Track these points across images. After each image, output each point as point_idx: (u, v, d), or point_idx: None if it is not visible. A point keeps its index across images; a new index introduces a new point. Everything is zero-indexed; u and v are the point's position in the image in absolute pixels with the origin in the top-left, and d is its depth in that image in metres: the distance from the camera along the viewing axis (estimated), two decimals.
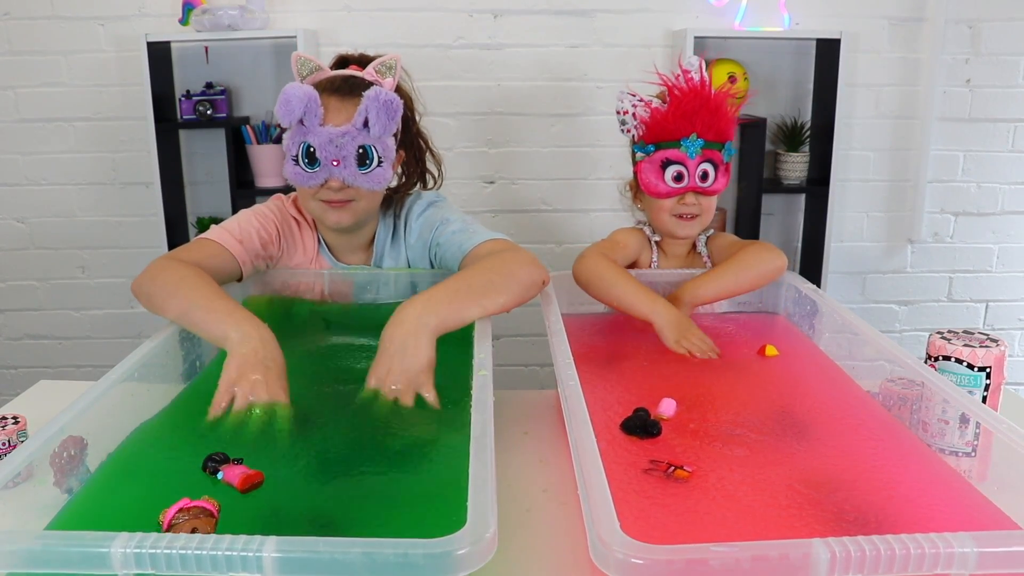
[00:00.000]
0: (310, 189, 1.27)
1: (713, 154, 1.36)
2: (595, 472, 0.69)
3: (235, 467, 0.80)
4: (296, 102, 1.20)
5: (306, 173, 1.24)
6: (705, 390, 1.07)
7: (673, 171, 1.36)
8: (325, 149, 1.22)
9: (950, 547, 0.58)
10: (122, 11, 2.47)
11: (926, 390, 0.96)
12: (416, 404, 0.98)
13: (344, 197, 1.27)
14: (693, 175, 1.36)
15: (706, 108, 1.33)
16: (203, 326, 1.05)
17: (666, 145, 1.36)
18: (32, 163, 2.60)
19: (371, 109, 1.21)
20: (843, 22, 2.52)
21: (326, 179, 1.24)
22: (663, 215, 1.42)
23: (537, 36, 2.53)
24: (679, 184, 1.36)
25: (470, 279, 1.11)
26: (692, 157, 1.35)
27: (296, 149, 1.23)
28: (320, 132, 1.21)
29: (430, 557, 0.57)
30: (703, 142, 1.34)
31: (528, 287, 1.16)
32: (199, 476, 0.81)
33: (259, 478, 0.79)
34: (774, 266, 1.35)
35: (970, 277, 2.80)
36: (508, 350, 2.74)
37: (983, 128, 2.65)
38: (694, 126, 1.33)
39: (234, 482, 0.77)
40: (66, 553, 0.58)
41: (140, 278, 1.15)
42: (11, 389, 2.73)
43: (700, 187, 1.37)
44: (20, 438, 1.04)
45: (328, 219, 1.30)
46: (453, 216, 1.35)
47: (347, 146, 1.22)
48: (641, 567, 0.57)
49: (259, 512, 0.76)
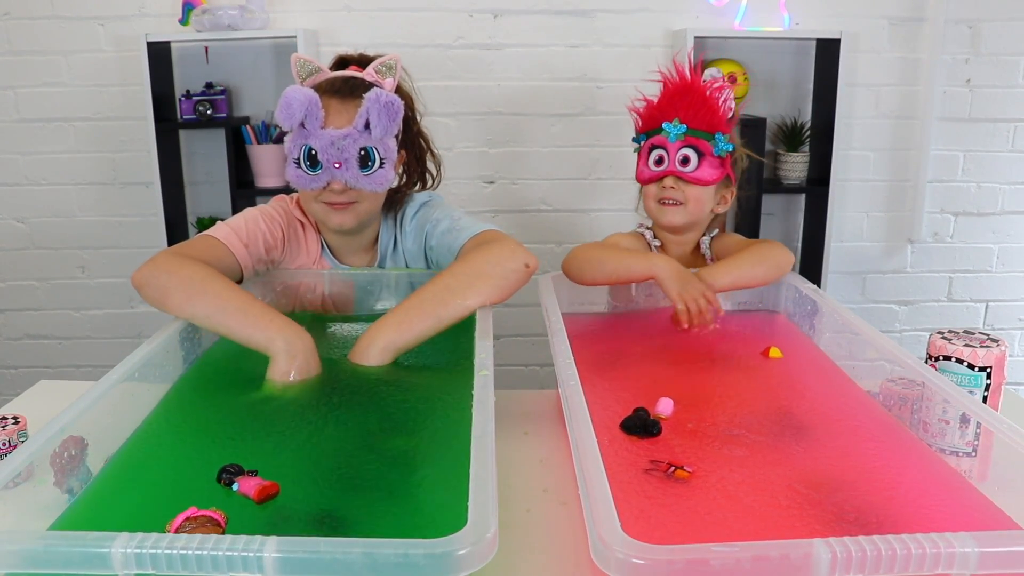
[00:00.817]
0: (312, 192, 1.27)
1: (698, 141, 1.36)
2: (596, 472, 0.69)
3: (250, 478, 0.78)
4: (297, 105, 1.20)
5: (308, 176, 1.24)
6: (705, 390, 1.07)
7: (655, 155, 1.39)
8: (327, 152, 1.22)
9: (951, 547, 0.58)
10: (122, 11, 2.47)
11: (926, 390, 0.96)
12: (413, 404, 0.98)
13: (347, 199, 1.27)
14: (673, 159, 1.37)
15: (690, 94, 1.35)
16: (239, 331, 1.06)
17: (653, 132, 1.39)
18: (32, 163, 2.60)
19: (372, 111, 1.21)
20: (843, 22, 2.52)
21: (328, 182, 1.24)
22: (649, 202, 1.44)
23: (537, 36, 2.54)
24: (660, 167, 1.38)
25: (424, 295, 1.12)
26: (672, 140, 1.36)
27: (297, 152, 1.23)
28: (321, 135, 1.21)
29: (431, 557, 0.57)
30: (685, 128, 1.36)
31: (506, 275, 1.15)
32: (204, 480, 0.80)
33: (275, 489, 0.78)
34: (785, 261, 1.36)
35: (970, 277, 2.80)
36: (508, 350, 2.74)
37: (983, 128, 2.65)
38: (677, 111, 1.36)
39: (250, 493, 0.76)
40: (67, 553, 0.58)
41: (148, 271, 1.12)
42: (11, 389, 2.73)
43: (680, 171, 1.37)
44: (20, 438, 1.04)
45: (331, 221, 1.30)
46: (442, 215, 1.35)
47: (349, 148, 1.22)
48: (642, 567, 0.57)
49: (260, 514, 0.76)
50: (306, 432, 0.93)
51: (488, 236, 1.23)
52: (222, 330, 1.08)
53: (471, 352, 0.98)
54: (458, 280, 1.13)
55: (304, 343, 1.05)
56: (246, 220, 1.29)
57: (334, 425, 0.94)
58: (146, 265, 1.13)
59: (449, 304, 1.10)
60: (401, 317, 1.10)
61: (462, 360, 1.03)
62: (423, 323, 1.09)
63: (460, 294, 1.11)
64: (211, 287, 1.10)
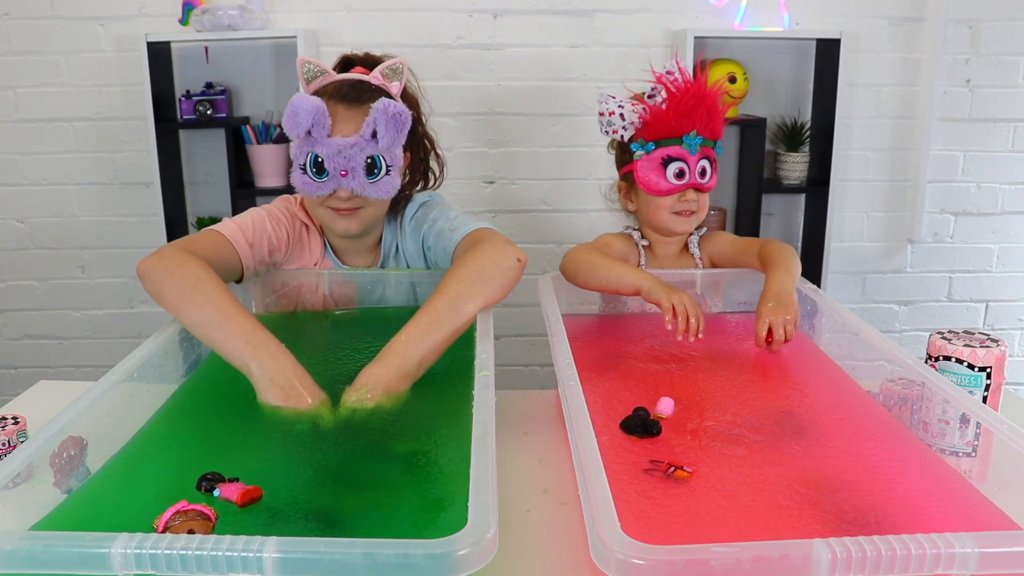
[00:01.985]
0: (318, 198, 1.27)
1: (709, 151, 1.40)
2: (596, 472, 0.69)
3: (231, 484, 0.78)
4: (303, 114, 1.19)
5: (314, 183, 1.23)
6: (705, 390, 1.07)
7: (675, 168, 1.37)
8: (333, 160, 1.21)
9: (951, 547, 0.58)
10: (122, 11, 2.46)
11: (926, 390, 0.96)
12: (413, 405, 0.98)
13: (352, 205, 1.27)
14: (694, 172, 1.38)
15: (703, 105, 1.35)
16: (220, 347, 1.03)
17: (667, 143, 1.37)
18: (32, 163, 2.60)
19: (380, 122, 1.20)
20: (843, 22, 2.52)
21: (335, 189, 1.24)
22: (662, 213, 1.42)
23: (537, 36, 2.53)
24: (681, 181, 1.38)
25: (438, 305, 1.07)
26: (693, 154, 1.37)
27: (304, 159, 1.23)
28: (328, 143, 1.21)
29: (430, 558, 0.57)
30: (702, 139, 1.37)
31: (504, 274, 1.13)
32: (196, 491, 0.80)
33: (258, 493, 0.77)
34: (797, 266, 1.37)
35: (970, 277, 2.80)
36: (508, 350, 2.74)
37: (983, 128, 2.65)
38: (694, 123, 1.36)
39: (232, 497, 0.76)
40: (66, 553, 0.58)
41: (151, 264, 1.09)
42: (11, 389, 2.73)
43: (700, 183, 1.40)
44: (20, 438, 1.04)
45: (337, 227, 1.30)
46: (438, 214, 1.35)
47: (355, 157, 1.22)
48: (642, 568, 0.57)
49: (259, 511, 0.76)
50: (306, 433, 0.93)
51: (479, 235, 1.22)
52: (206, 341, 1.06)
53: (471, 352, 0.98)
54: (464, 286, 1.10)
55: (279, 366, 0.99)
56: (253, 220, 1.29)
57: (334, 425, 0.94)
58: (151, 257, 1.11)
59: (460, 313, 1.07)
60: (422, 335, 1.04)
61: (462, 360, 1.03)
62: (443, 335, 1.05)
63: (468, 300, 1.08)
64: (202, 293, 1.06)
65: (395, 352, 1.02)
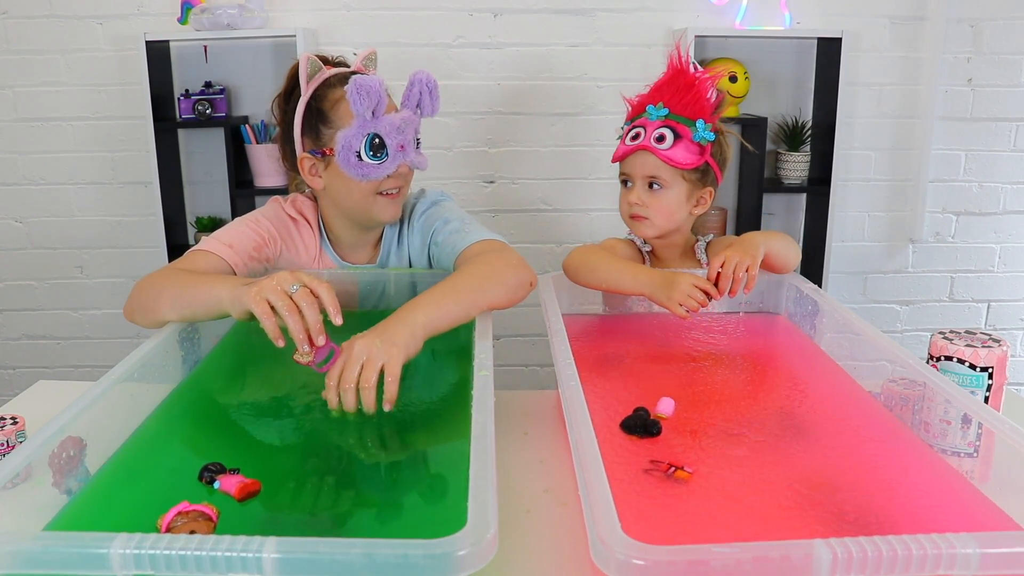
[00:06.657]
0: (372, 183, 1.26)
1: (677, 125, 1.35)
2: (596, 472, 0.69)
3: (232, 476, 0.79)
4: (374, 92, 1.19)
5: (374, 165, 1.24)
6: (705, 390, 1.07)
7: (632, 132, 1.39)
8: (393, 136, 1.23)
9: (952, 548, 0.58)
10: (121, 10, 2.46)
11: (928, 390, 0.96)
12: (413, 405, 0.98)
13: (401, 184, 1.30)
14: (649, 135, 1.37)
15: (677, 81, 1.36)
16: (196, 305, 1.05)
17: (637, 118, 1.40)
18: (30, 162, 2.60)
19: (424, 92, 1.24)
20: (844, 21, 2.52)
21: (397, 166, 1.26)
22: (623, 216, 1.45)
23: (537, 35, 2.53)
24: (635, 143, 1.38)
25: (457, 283, 1.09)
26: (652, 119, 1.37)
27: (360, 143, 1.22)
28: (387, 120, 1.23)
29: (430, 558, 0.57)
30: (667, 111, 1.36)
31: (515, 289, 1.15)
32: (197, 481, 0.80)
33: (256, 487, 0.78)
34: (797, 258, 1.37)
35: (972, 277, 2.80)
36: (508, 350, 2.74)
37: (985, 127, 2.65)
38: (662, 95, 1.37)
39: (231, 491, 0.77)
40: (66, 554, 0.58)
41: (128, 304, 1.16)
42: (10, 389, 2.73)
43: (653, 146, 1.36)
44: (19, 439, 1.04)
45: (386, 214, 1.31)
46: (452, 215, 1.35)
47: (408, 131, 1.26)
48: (642, 568, 0.57)
49: (259, 512, 0.76)
50: (306, 433, 0.93)
51: (495, 245, 1.24)
52: (189, 314, 1.08)
53: (471, 352, 0.97)
54: (484, 275, 1.12)
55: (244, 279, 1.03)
56: (227, 227, 1.30)
57: (334, 426, 0.94)
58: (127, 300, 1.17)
59: (477, 295, 1.08)
60: (435, 300, 1.04)
61: (462, 360, 1.02)
62: (456, 309, 1.05)
63: (487, 287, 1.10)
64: (169, 285, 1.11)
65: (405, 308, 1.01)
